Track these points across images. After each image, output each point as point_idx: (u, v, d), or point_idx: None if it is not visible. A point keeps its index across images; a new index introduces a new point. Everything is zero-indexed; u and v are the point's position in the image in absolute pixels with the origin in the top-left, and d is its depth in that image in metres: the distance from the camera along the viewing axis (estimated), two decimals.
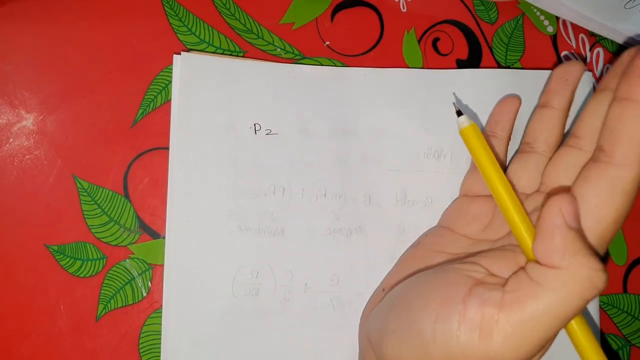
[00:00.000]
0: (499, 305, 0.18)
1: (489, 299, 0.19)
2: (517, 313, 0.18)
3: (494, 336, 0.18)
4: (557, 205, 0.19)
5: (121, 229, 0.28)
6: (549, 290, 0.18)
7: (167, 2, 0.29)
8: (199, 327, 0.27)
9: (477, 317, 0.18)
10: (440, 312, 0.19)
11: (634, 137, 0.19)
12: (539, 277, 0.18)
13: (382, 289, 0.27)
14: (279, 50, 0.30)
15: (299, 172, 0.28)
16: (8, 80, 0.28)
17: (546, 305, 0.18)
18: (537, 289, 0.18)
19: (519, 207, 0.22)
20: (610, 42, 0.33)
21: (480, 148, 0.24)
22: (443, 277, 0.22)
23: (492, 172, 0.23)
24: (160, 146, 0.28)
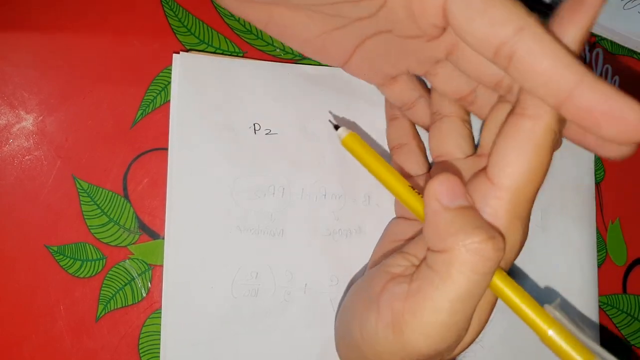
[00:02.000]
0: (404, 298, 0.19)
1: (395, 293, 0.19)
2: (419, 303, 0.18)
3: (404, 329, 0.18)
4: (431, 190, 0.19)
5: (121, 229, 0.28)
6: (440, 274, 0.18)
7: (166, 2, 0.29)
8: (198, 327, 0.27)
9: (388, 313, 0.19)
10: (363, 314, 0.20)
11: (546, 83, 0.18)
12: (432, 264, 0.18)
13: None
14: (279, 50, 0.30)
15: (299, 172, 0.28)
16: (8, 81, 0.28)
17: (442, 290, 0.18)
18: (433, 276, 0.18)
19: (417, 198, 0.22)
20: (610, 42, 0.33)
21: (365, 154, 0.23)
22: (367, 277, 0.22)
23: (382, 172, 0.23)
24: (159, 147, 0.28)
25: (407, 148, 0.28)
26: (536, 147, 0.18)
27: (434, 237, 0.19)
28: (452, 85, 0.24)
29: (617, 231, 0.32)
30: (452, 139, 0.25)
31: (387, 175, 0.22)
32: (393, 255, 0.22)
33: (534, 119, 0.18)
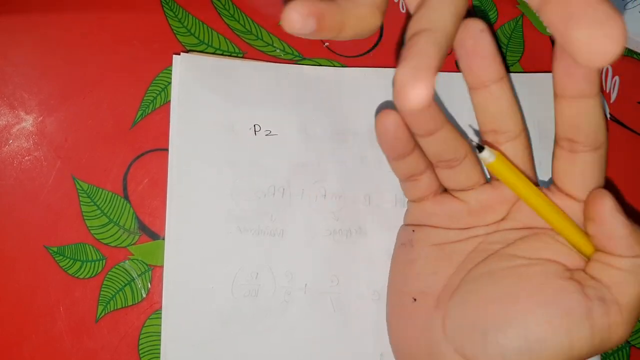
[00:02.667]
0: (615, 302, 0.21)
1: (608, 300, 0.21)
2: (630, 301, 0.21)
3: (619, 328, 0.21)
4: (611, 207, 0.21)
5: (121, 230, 0.28)
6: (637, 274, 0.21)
7: (166, 3, 0.29)
8: (198, 328, 0.27)
9: (606, 321, 0.21)
10: (570, 323, 0.21)
11: (596, 124, 0.21)
12: (630, 267, 0.21)
13: (413, 298, 0.25)
14: (278, 51, 0.30)
15: (299, 172, 0.28)
16: (7, 82, 0.28)
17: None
18: (634, 277, 0.21)
19: (570, 222, 0.23)
20: None
21: (514, 178, 0.23)
22: (537, 285, 0.22)
23: (534, 197, 0.23)
24: (159, 147, 0.28)
25: (424, 176, 0.26)
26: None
27: (628, 245, 0.21)
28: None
29: None
30: (471, 175, 0.25)
31: (540, 204, 0.23)
32: (538, 263, 0.23)
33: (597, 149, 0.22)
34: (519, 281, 0.23)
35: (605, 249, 0.22)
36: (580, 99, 0.21)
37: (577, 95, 0.21)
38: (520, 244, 0.24)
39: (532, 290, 0.22)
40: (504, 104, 0.23)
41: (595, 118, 0.21)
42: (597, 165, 0.22)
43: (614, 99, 0.32)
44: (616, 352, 0.30)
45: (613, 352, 0.30)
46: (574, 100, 0.21)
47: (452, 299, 0.24)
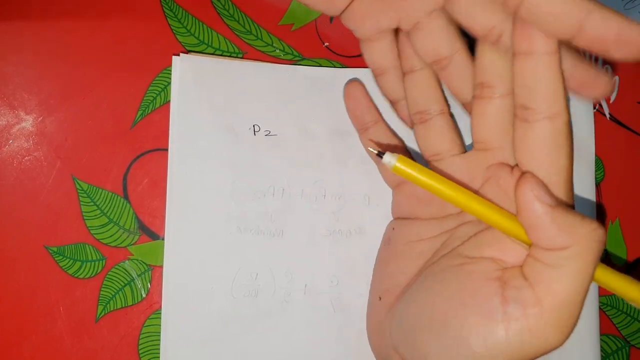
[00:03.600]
0: (537, 303, 0.19)
1: (526, 301, 0.20)
2: (554, 301, 0.19)
3: (542, 331, 0.19)
4: (531, 194, 0.20)
5: (120, 230, 0.28)
6: (569, 268, 0.19)
7: (166, 3, 0.29)
8: (198, 328, 0.27)
9: (524, 322, 0.20)
10: (485, 328, 0.20)
11: (554, 87, 0.20)
12: (554, 262, 0.19)
13: (379, 297, 0.26)
14: (278, 51, 0.30)
15: (299, 173, 0.28)
16: (7, 82, 0.28)
17: (572, 281, 0.19)
18: (559, 273, 0.19)
19: (492, 208, 0.22)
20: None
21: (422, 174, 0.22)
22: (466, 287, 0.22)
23: (446, 190, 0.22)
24: (159, 147, 0.28)
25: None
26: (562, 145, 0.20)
27: (551, 239, 0.19)
28: (434, 42, 0.24)
29: (616, 231, 0.32)
30: (447, 135, 0.25)
31: (455, 193, 0.22)
32: (470, 261, 0.22)
33: (552, 118, 0.20)
34: (447, 281, 0.22)
35: (531, 240, 0.20)
36: (533, 55, 0.20)
37: (529, 50, 0.20)
38: (473, 240, 0.23)
39: (453, 290, 0.22)
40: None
41: (550, 79, 0.20)
42: (553, 139, 0.20)
43: (614, 99, 0.32)
44: (616, 352, 0.30)
45: (613, 352, 0.30)
46: (527, 56, 0.20)
47: (400, 300, 0.24)
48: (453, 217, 0.25)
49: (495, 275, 0.21)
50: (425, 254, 0.25)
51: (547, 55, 0.20)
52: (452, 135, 0.25)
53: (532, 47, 0.20)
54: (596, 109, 0.32)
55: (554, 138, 0.20)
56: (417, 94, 0.26)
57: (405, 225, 0.27)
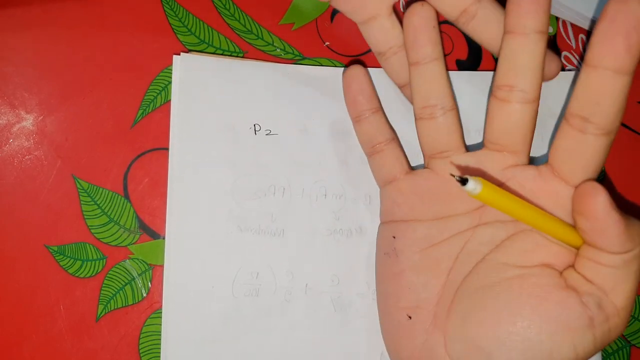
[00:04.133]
0: (614, 305, 0.21)
1: (605, 305, 0.21)
2: (626, 300, 0.21)
3: (620, 327, 0.21)
4: (605, 204, 0.20)
5: (121, 229, 0.28)
6: (632, 269, 0.21)
7: (166, 2, 0.29)
8: (199, 327, 0.27)
9: (605, 324, 0.21)
10: (574, 337, 0.21)
11: (620, 106, 0.20)
12: (618, 263, 0.21)
13: (408, 316, 0.24)
14: (279, 50, 0.30)
15: (299, 172, 0.28)
16: (8, 81, 0.28)
17: (635, 279, 0.21)
18: (625, 273, 0.21)
19: (557, 221, 0.22)
20: None
21: (505, 200, 0.21)
22: (539, 301, 0.21)
23: (526, 213, 0.22)
24: (160, 146, 0.28)
25: (390, 147, 0.27)
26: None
27: (619, 243, 0.20)
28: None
29: None
30: (455, 134, 0.25)
31: (536, 215, 0.22)
32: (531, 270, 0.22)
33: (609, 134, 0.21)
34: (517, 297, 0.22)
35: (595, 245, 0.21)
36: (613, 73, 0.20)
37: (612, 67, 0.20)
38: (509, 248, 0.23)
39: (532, 306, 0.21)
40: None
41: (620, 99, 0.20)
42: (603, 153, 0.21)
43: None
44: (616, 352, 0.30)
45: (613, 352, 0.30)
46: (607, 71, 0.20)
47: (450, 318, 0.23)
48: (459, 217, 0.25)
49: (561, 283, 0.22)
50: (445, 262, 0.24)
51: (615, 72, 0.20)
52: (460, 133, 0.25)
53: (602, 62, 0.20)
54: None
55: (605, 152, 0.21)
56: (426, 88, 0.25)
57: (407, 230, 0.25)
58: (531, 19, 0.22)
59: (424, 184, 0.26)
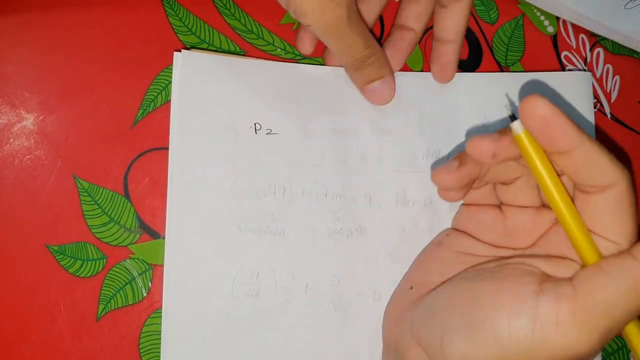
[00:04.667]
0: (572, 298, 0.19)
1: (562, 294, 0.20)
2: (591, 302, 0.19)
3: (569, 330, 0.19)
4: (543, 105, 0.20)
5: (121, 229, 0.28)
6: (618, 279, 0.19)
7: (167, 2, 0.29)
8: (199, 327, 0.27)
9: (553, 313, 0.19)
10: (513, 309, 0.20)
11: (597, 168, 0.21)
12: (607, 267, 0.20)
13: (410, 286, 0.26)
14: (279, 50, 0.30)
15: (299, 172, 0.28)
16: (8, 81, 0.28)
17: (616, 289, 0.19)
18: (607, 278, 0.19)
19: (577, 216, 0.22)
20: (611, 42, 0.33)
21: (536, 156, 0.22)
22: (505, 274, 0.22)
23: (550, 182, 0.22)
24: (160, 146, 0.28)
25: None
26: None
27: (607, 171, 0.20)
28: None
29: None
30: None
31: (553, 191, 0.22)
32: (516, 260, 0.23)
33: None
34: (492, 274, 0.22)
35: (580, 181, 0.21)
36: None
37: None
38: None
39: (496, 281, 0.22)
40: None
41: (592, 162, 0.20)
42: (615, 206, 0.21)
43: (614, 98, 0.32)
44: (616, 352, 0.30)
45: (613, 352, 0.30)
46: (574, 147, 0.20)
47: (428, 295, 0.25)
48: (511, 250, 0.25)
49: (538, 272, 0.21)
50: (469, 265, 0.25)
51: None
52: (526, 194, 0.25)
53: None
54: (597, 108, 0.32)
55: (614, 204, 0.21)
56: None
57: (460, 237, 0.27)
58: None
59: (489, 214, 0.26)
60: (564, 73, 0.31)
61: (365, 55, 0.26)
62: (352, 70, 0.27)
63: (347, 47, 0.26)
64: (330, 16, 0.24)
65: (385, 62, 0.28)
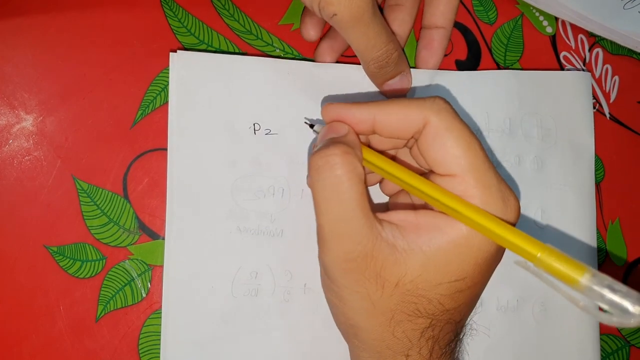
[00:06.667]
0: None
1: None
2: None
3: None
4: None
5: (120, 229, 0.28)
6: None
7: (166, 3, 0.29)
8: (198, 327, 0.27)
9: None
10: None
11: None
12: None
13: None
14: (278, 51, 0.30)
15: (299, 172, 0.28)
16: (8, 81, 0.28)
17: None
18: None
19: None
20: (609, 42, 0.33)
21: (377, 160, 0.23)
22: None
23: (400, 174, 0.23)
24: (159, 147, 0.28)
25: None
26: None
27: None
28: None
29: (616, 231, 0.32)
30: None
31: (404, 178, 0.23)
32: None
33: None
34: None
35: (399, 137, 0.23)
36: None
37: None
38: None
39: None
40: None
41: (397, 118, 0.23)
42: (433, 141, 0.23)
43: (613, 98, 0.32)
44: (616, 352, 0.30)
45: (613, 352, 0.30)
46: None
47: None
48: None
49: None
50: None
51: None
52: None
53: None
54: (596, 109, 0.32)
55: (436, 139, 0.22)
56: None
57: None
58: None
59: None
60: (564, 72, 0.31)
61: (388, 51, 0.26)
62: (376, 69, 0.27)
63: (371, 40, 0.26)
64: (357, 5, 0.24)
65: (404, 57, 0.28)
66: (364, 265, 0.21)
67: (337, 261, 0.22)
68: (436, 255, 0.21)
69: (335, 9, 0.24)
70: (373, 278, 0.22)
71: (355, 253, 0.21)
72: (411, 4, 0.29)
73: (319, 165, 0.22)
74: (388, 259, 0.21)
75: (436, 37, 0.29)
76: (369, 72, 0.28)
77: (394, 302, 0.22)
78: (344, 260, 0.22)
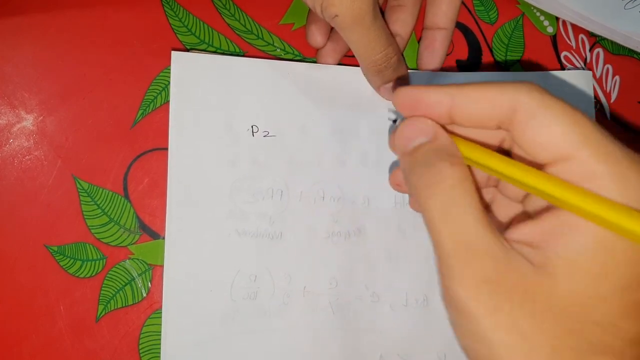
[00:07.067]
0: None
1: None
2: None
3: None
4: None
5: (121, 229, 0.28)
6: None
7: (166, 2, 0.29)
8: (198, 328, 0.27)
9: None
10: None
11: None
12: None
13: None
14: (279, 50, 0.30)
15: (297, 174, 0.28)
16: (8, 81, 0.28)
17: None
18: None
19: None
20: (610, 42, 0.33)
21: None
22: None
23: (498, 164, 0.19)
24: (160, 147, 0.28)
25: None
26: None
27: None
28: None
29: None
30: None
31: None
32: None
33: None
34: None
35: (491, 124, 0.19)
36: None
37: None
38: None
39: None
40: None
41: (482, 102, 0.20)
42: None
43: (614, 99, 0.32)
44: None
45: None
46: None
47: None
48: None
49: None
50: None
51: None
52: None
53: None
54: (597, 109, 0.32)
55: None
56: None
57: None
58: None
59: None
60: (565, 72, 0.31)
61: (388, 54, 0.26)
62: (374, 72, 0.27)
63: (371, 42, 0.26)
64: (358, 7, 0.24)
65: (403, 61, 0.28)
66: (502, 289, 0.17)
67: (469, 288, 0.18)
68: (584, 259, 0.17)
69: (337, 10, 0.24)
70: (517, 304, 0.17)
71: (490, 275, 0.17)
72: (413, 4, 0.28)
73: (430, 182, 0.19)
74: (528, 277, 0.17)
75: (438, 38, 0.29)
76: (367, 75, 0.28)
77: (552, 333, 0.17)
78: (477, 285, 0.18)
